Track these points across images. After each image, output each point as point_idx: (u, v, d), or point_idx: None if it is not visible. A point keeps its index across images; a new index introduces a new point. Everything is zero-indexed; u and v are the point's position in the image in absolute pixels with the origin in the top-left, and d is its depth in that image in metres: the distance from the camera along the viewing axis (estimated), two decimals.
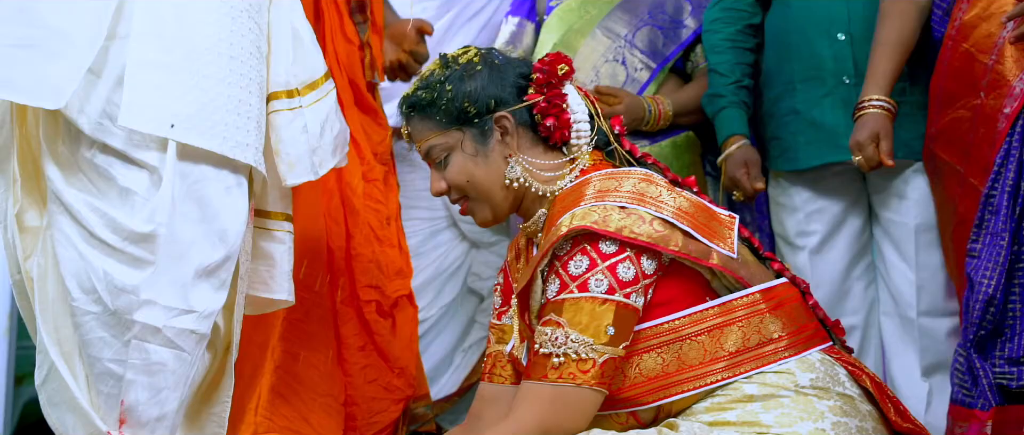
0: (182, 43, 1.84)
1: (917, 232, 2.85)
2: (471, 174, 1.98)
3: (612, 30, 3.15)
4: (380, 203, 2.70)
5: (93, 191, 1.83)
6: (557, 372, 1.80)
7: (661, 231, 1.84)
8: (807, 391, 1.84)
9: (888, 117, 2.61)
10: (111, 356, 1.82)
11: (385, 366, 2.65)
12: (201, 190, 1.86)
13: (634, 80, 3.10)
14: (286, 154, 2.00)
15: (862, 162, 2.59)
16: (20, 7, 1.81)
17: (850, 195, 2.97)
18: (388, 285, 2.63)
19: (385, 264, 2.63)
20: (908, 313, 2.89)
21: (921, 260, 2.86)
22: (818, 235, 2.97)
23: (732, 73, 2.99)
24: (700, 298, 1.89)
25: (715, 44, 3.04)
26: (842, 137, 2.79)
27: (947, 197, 2.66)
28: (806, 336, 1.90)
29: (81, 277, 1.83)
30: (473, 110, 1.97)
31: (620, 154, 2.06)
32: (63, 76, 1.79)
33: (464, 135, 1.98)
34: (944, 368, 2.86)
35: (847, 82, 2.82)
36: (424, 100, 2.00)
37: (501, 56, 2.05)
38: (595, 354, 1.80)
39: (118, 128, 1.82)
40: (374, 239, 2.65)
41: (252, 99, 1.91)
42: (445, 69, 2.02)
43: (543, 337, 1.83)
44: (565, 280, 1.83)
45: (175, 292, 1.82)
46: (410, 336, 2.74)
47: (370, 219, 2.66)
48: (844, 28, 2.83)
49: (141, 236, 1.80)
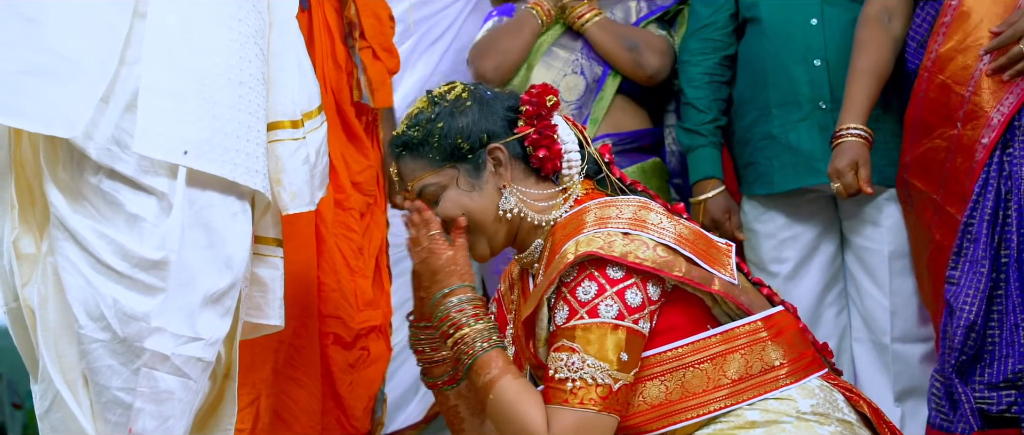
0: (193, 69, 1.86)
1: (890, 259, 2.96)
2: (466, 208, 2.01)
3: (566, 46, 3.24)
4: (353, 232, 2.70)
5: (98, 217, 1.84)
6: (577, 397, 1.83)
7: (665, 257, 1.89)
8: (808, 417, 1.89)
9: (866, 145, 2.70)
10: (119, 384, 1.82)
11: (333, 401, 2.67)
12: (208, 216, 1.88)
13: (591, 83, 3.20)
14: (289, 184, 2.03)
15: (841, 189, 2.68)
16: (26, 32, 1.81)
17: (823, 222, 3.06)
18: (354, 317, 2.64)
19: (353, 294, 2.65)
20: (882, 339, 2.99)
21: (895, 286, 2.97)
22: (792, 262, 3.06)
23: (709, 110, 3.08)
24: (702, 325, 1.93)
25: (693, 77, 3.12)
26: (819, 161, 2.90)
27: (922, 225, 2.76)
28: (805, 363, 1.96)
29: (89, 304, 1.83)
30: (466, 146, 2.00)
31: (612, 182, 2.10)
32: (75, 103, 1.80)
33: (458, 172, 2.01)
34: (917, 393, 2.96)
35: (823, 107, 2.92)
36: (415, 139, 2.02)
37: (489, 90, 2.09)
38: (611, 380, 1.84)
39: (128, 154, 1.83)
40: (343, 267, 2.66)
41: (259, 125, 1.94)
42: (434, 106, 2.04)
43: (558, 362, 1.86)
44: (574, 306, 1.87)
45: (183, 319, 1.84)
46: (374, 376, 2.74)
47: (341, 247, 2.67)
48: (821, 54, 2.93)
49: (152, 263, 1.81)
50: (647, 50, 3.18)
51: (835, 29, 2.92)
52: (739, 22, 3.11)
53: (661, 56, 3.19)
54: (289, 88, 2.08)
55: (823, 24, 2.93)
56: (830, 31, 2.93)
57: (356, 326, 2.64)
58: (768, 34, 3.00)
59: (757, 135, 3.03)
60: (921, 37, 2.74)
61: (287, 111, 2.07)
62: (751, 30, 3.07)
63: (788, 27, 2.96)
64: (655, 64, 3.18)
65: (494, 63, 3.18)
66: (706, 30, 3.13)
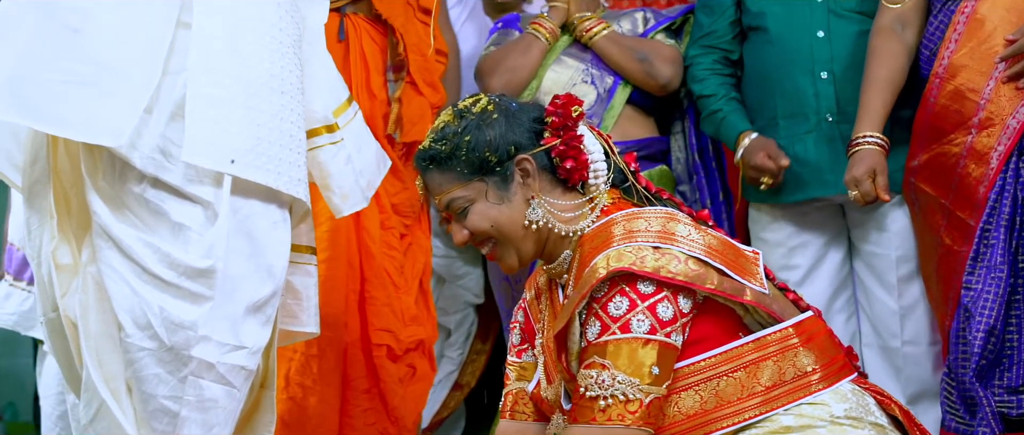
0: (237, 79, 1.90)
1: (899, 263, 3.02)
2: (494, 220, 2.03)
3: (575, 55, 3.30)
4: (395, 250, 2.78)
5: (141, 226, 1.87)
6: (605, 414, 1.86)
7: (696, 270, 1.92)
8: (842, 421, 1.93)
9: (883, 153, 2.76)
10: (166, 393, 1.85)
11: (384, 412, 2.72)
12: (250, 225, 1.91)
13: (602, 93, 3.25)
14: (338, 187, 2.07)
15: (858, 197, 2.73)
16: (71, 43, 1.84)
17: (831, 229, 3.12)
18: (402, 330, 2.70)
19: (400, 310, 2.70)
20: (892, 342, 3.05)
21: (903, 290, 3.03)
22: (802, 269, 3.12)
23: (719, 91, 3.13)
24: (733, 334, 1.96)
25: (697, 75, 3.19)
26: (826, 173, 2.96)
27: (930, 228, 2.82)
28: (837, 367, 2.00)
29: (135, 313, 1.86)
30: (494, 158, 2.02)
31: (638, 191, 2.13)
32: (120, 113, 1.83)
33: (486, 185, 2.03)
34: (928, 396, 3.02)
35: (830, 120, 2.97)
36: (442, 153, 2.03)
37: (514, 102, 2.12)
38: (642, 394, 1.86)
39: (174, 163, 1.86)
40: (390, 284, 2.72)
41: (300, 134, 1.97)
42: (460, 120, 2.05)
43: (588, 380, 1.89)
44: (606, 322, 1.89)
45: (227, 328, 1.87)
46: (420, 393, 2.82)
47: (386, 264, 2.73)
48: (827, 67, 2.98)
49: (199, 271, 1.84)
50: (658, 60, 3.24)
51: (842, 42, 2.98)
52: (741, 29, 3.17)
53: (672, 65, 3.25)
54: (321, 93, 2.13)
55: (830, 37, 2.99)
56: (837, 44, 2.99)
57: (405, 340, 2.69)
58: (775, 45, 3.05)
59: None
60: (934, 46, 2.79)
61: (321, 116, 2.11)
62: (757, 39, 3.12)
63: (795, 39, 3.02)
64: (667, 74, 3.24)
65: (503, 81, 3.23)
66: (708, 38, 3.20)
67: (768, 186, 2.99)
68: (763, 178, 2.98)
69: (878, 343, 3.09)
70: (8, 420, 7.20)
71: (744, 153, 3.02)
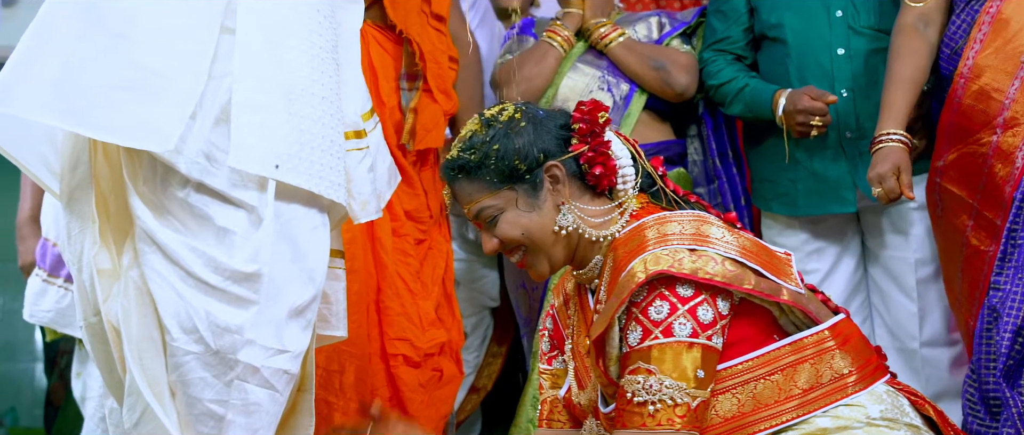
0: (280, 84, 1.93)
1: (917, 266, 3.07)
2: (525, 228, 2.07)
3: (590, 63, 3.33)
4: (410, 257, 2.82)
5: (184, 231, 1.90)
6: (655, 419, 1.89)
7: (733, 270, 1.95)
8: (878, 422, 1.97)
9: (907, 150, 2.80)
10: (212, 397, 1.89)
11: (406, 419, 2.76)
12: (292, 229, 1.94)
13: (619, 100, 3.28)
14: (359, 193, 2.10)
15: (882, 194, 2.77)
16: (115, 48, 1.87)
17: (846, 236, 3.18)
18: (420, 337, 2.73)
19: (417, 317, 2.73)
20: (910, 344, 3.10)
21: (921, 292, 3.08)
22: (819, 274, 3.17)
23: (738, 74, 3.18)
24: (769, 336, 2.00)
25: (711, 71, 3.24)
26: (844, 189, 3.02)
27: (955, 229, 2.86)
28: (872, 369, 2.04)
29: (181, 317, 1.89)
30: (523, 166, 2.05)
31: (667, 194, 2.16)
32: (167, 118, 1.86)
33: (516, 193, 2.06)
34: (946, 397, 3.06)
35: (849, 136, 3.02)
36: (471, 162, 2.06)
37: (540, 109, 2.15)
38: (689, 398, 1.90)
39: (218, 168, 1.89)
40: (405, 292, 2.75)
41: (339, 138, 2.01)
42: (487, 129, 2.08)
43: (635, 385, 1.92)
44: (647, 326, 1.92)
45: (271, 332, 1.90)
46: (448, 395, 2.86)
47: (400, 272, 2.76)
48: (847, 85, 3.03)
49: (244, 276, 1.88)
50: (674, 68, 3.28)
51: (861, 59, 3.04)
52: (755, 36, 3.22)
53: (688, 73, 3.29)
54: (353, 99, 2.16)
55: (850, 54, 3.04)
56: (856, 61, 3.04)
57: (424, 346, 2.73)
58: (794, 59, 3.10)
59: (780, 155, 3.12)
60: (955, 45, 2.83)
61: (352, 121, 2.15)
62: (775, 50, 3.16)
63: (814, 55, 3.07)
64: (684, 82, 3.28)
65: (519, 91, 3.25)
66: (722, 43, 3.25)
67: (821, 130, 3.00)
68: (814, 121, 2.99)
69: (895, 346, 3.13)
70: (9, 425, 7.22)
71: (787, 103, 3.03)
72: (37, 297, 3.12)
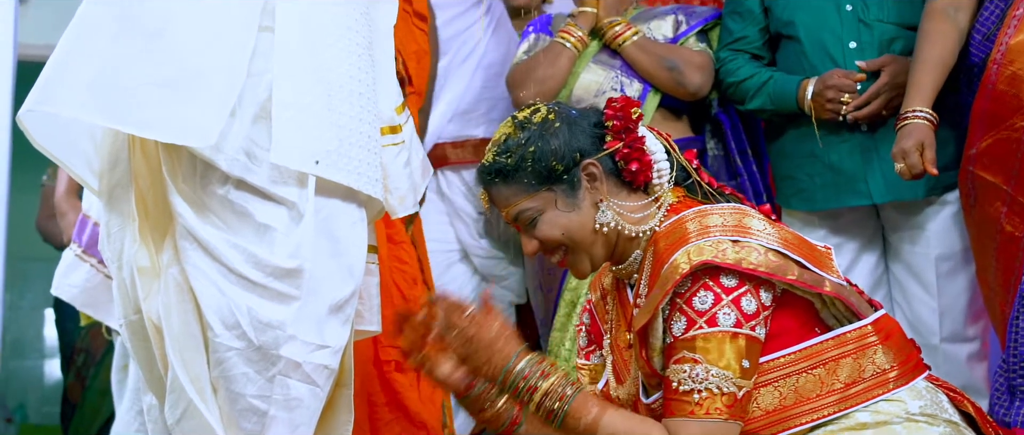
0: (318, 81, 1.97)
1: (937, 261, 3.11)
2: (565, 228, 2.09)
3: (604, 62, 3.37)
4: (406, 264, 2.87)
5: (225, 227, 1.94)
6: (702, 408, 1.93)
7: (776, 261, 1.98)
8: (917, 418, 2.00)
9: (932, 128, 2.82)
10: (255, 392, 1.92)
11: (408, 419, 2.80)
12: (332, 225, 1.98)
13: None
14: (396, 189, 2.13)
15: (904, 170, 2.79)
16: (152, 46, 1.91)
17: (866, 232, 3.21)
18: None
19: None
20: (931, 340, 3.13)
21: (942, 288, 3.12)
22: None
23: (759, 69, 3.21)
24: (811, 328, 2.03)
25: (731, 70, 3.27)
26: (860, 182, 3.05)
27: (989, 217, 2.88)
28: (912, 365, 2.07)
29: (223, 313, 1.93)
30: (560, 167, 2.07)
31: (702, 187, 2.18)
32: (207, 115, 1.90)
33: (555, 194, 2.08)
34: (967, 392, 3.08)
35: (864, 129, 3.06)
36: (508, 166, 2.08)
37: (573, 108, 2.17)
38: (735, 388, 1.93)
39: (258, 165, 1.93)
40: (399, 299, 2.80)
41: (376, 134, 2.05)
42: (522, 131, 2.10)
43: (681, 374, 1.95)
44: (692, 317, 1.95)
45: (312, 327, 1.94)
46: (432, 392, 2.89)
47: (396, 280, 2.82)
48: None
49: (286, 271, 1.91)
50: (688, 68, 3.30)
51: (873, 52, 3.07)
52: (771, 36, 3.25)
53: (702, 72, 3.31)
54: (389, 94, 2.19)
55: (861, 47, 3.08)
56: (868, 54, 3.07)
57: None
58: (808, 56, 3.14)
59: (799, 151, 3.17)
60: (987, 30, 2.85)
61: (387, 117, 2.18)
62: (790, 48, 3.20)
63: (826, 49, 3.11)
64: (697, 81, 3.30)
65: (534, 92, 3.27)
66: (739, 43, 3.28)
67: (849, 108, 3.03)
68: (844, 98, 3.02)
69: (916, 342, 3.16)
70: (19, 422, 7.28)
71: (815, 87, 3.07)
72: (67, 271, 3.05)
